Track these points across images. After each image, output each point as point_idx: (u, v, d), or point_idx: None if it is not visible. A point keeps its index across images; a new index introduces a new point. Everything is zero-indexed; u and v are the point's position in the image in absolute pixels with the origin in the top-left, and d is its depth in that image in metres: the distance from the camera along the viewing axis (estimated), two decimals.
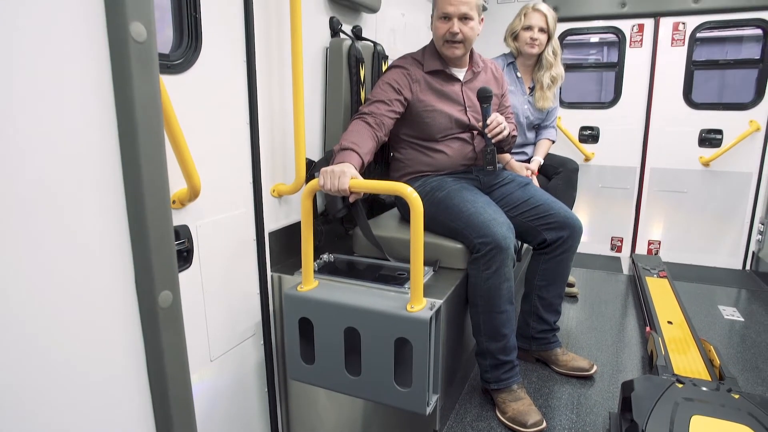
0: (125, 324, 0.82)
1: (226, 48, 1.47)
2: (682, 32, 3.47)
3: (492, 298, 1.77)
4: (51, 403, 0.75)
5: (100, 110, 0.75)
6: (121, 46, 0.73)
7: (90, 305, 0.78)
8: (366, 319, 1.44)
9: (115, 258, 0.80)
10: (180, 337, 0.85)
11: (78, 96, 0.73)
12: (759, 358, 2.31)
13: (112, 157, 0.77)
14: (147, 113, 0.75)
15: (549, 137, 2.79)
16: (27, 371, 0.72)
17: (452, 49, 1.91)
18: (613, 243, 3.91)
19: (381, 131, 1.82)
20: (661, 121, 3.62)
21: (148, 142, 0.76)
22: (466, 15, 1.85)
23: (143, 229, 0.78)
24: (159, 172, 0.79)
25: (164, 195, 0.80)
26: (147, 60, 0.74)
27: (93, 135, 0.75)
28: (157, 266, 0.80)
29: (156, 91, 0.76)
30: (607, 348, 2.41)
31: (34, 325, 0.72)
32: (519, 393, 1.84)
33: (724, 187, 3.55)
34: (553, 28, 2.59)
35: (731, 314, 2.81)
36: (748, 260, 3.57)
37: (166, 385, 0.83)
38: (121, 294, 0.81)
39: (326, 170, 1.53)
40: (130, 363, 0.84)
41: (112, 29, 0.72)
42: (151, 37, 0.74)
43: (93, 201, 0.77)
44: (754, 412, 1.50)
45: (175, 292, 0.84)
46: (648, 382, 1.67)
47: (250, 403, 1.74)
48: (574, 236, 1.99)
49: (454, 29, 1.86)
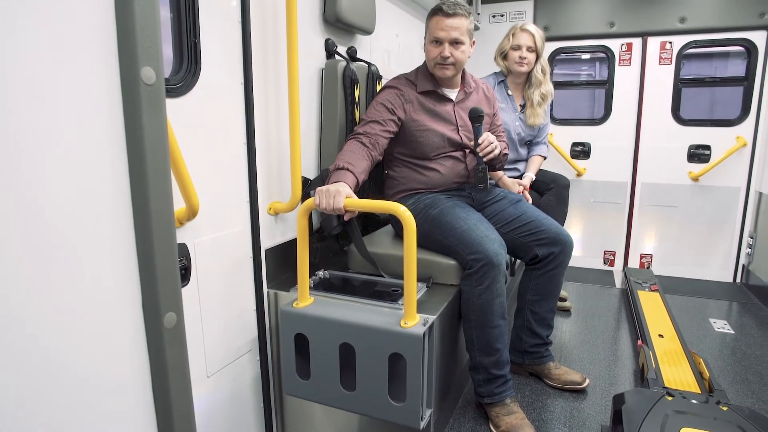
0: (132, 344, 0.87)
1: (224, 71, 1.52)
2: (669, 51, 3.56)
3: (485, 314, 1.80)
4: (61, 417, 0.80)
5: (112, 147, 0.82)
6: (132, 89, 0.79)
7: (99, 326, 0.84)
8: (361, 334, 1.47)
9: (124, 282, 0.85)
10: (183, 356, 0.89)
11: (92, 133, 0.80)
12: (749, 371, 2.34)
13: (122, 189, 0.83)
14: (155, 149, 0.80)
15: (541, 153, 2.84)
16: (39, 386, 0.77)
17: (443, 70, 1.96)
18: (605, 257, 3.96)
19: (375, 150, 1.86)
20: (651, 137, 3.70)
21: (156, 176, 0.81)
22: (456, 40, 1.91)
23: (150, 256, 0.84)
24: (165, 204, 0.84)
25: (170, 225, 0.86)
26: (155, 101, 0.80)
27: (105, 170, 0.82)
28: (162, 289, 0.84)
29: (163, 129, 0.82)
30: (599, 362, 2.43)
31: (47, 344, 0.78)
32: (512, 407, 1.86)
33: (714, 201, 3.62)
34: (541, 47, 2.66)
35: (722, 327, 2.85)
36: (739, 273, 3.62)
37: (170, 403, 0.87)
38: (129, 316, 0.86)
39: (322, 190, 1.57)
40: (136, 381, 0.88)
41: (125, 73, 0.79)
42: (160, 80, 0.81)
43: (104, 230, 0.83)
44: (742, 425, 1.52)
45: (179, 313, 0.88)
46: (639, 395, 1.70)
47: (247, 418, 1.75)
48: (565, 252, 2.03)
49: (445, 53, 1.91)
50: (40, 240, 0.75)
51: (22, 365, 0.74)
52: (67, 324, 0.79)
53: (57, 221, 0.77)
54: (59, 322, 0.78)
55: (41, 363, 0.77)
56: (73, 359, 0.80)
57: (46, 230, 0.76)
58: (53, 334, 0.78)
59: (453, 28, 1.89)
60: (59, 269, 0.78)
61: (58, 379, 0.79)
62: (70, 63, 0.76)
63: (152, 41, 0.77)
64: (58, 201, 0.77)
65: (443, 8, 1.90)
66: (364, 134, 1.87)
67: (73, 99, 0.77)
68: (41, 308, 0.76)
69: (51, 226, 0.76)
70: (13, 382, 0.73)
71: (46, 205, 0.75)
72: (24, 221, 0.73)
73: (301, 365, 1.59)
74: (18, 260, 0.73)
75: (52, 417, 0.78)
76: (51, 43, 0.73)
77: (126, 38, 0.75)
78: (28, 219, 0.73)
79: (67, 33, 0.75)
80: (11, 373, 0.73)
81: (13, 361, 0.73)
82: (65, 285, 0.79)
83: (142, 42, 0.76)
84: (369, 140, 1.86)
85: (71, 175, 0.78)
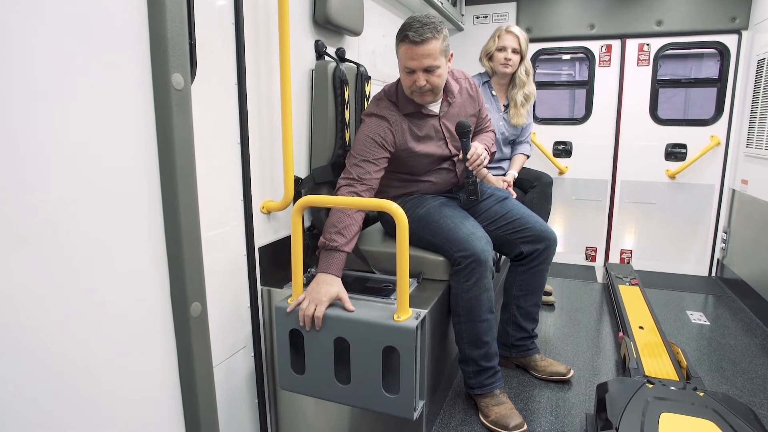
0: (162, 331, 0.93)
1: (218, 72, 1.54)
2: (646, 53, 3.67)
3: (473, 308, 1.86)
4: (92, 401, 0.87)
5: (144, 147, 0.87)
6: (164, 94, 0.84)
7: (131, 315, 0.90)
8: (355, 329, 1.51)
9: (153, 274, 0.92)
10: (207, 343, 0.95)
11: (127, 135, 0.86)
12: (723, 360, 2.45)
13: (153, 187, 0.89)
14: (183, 150, 0.84)
15: (524, 152, 2.91)
16: (78, 372, 0.84)
17: (422, 97, 1.85)
18: (587, 253, 4.06)
19: (370, 194, 1.83)
20: (630, 135, 3.81)
21: (184, 175, 0.85)
22: (429, 67, 1.76)
23: (178, 249, 0.90)
24: (191, 199, 0.90)
25: (195, 219, 0.91)
26: (184, 105, 0.84)
27: (138, 169, 0.88)
28: (189, 280, 0.88)
29: (190, 131, 0.88)
30: (583, 353, 2.52)
31: (85, 334, 0.85)
32: (501, 397, 1.92)
33: (690, 198, 3.74)
34: (526, 49, 2.73)
35: (698, 319, 2.96)
36: (714, 267, 3.76)
37: (194, 386, 0.92)
38: (159, 305, 0.92)
39: (310, 291, 1.57)
40: (165, 366, 0.95)
41: (157, 79, 0.84)
42: (188, 85, 0.86)
43: (137, 225, 0.89)
44: (717, 408, 1.61)
45: (203, 303, 0.93)
46: (621, 384, 1.77)
47: (241, 413, 1.78)
48: (549, 249, 2.10)
49: (420, 82, 1.77)
50: (78, 235, 0.80)
51: (59, 354, 0.80)
52: (104, 312, 0.86)
53: (94, 218, 0.82)
54: (94, 312, 0.84)
55: (75, 354, 0.83)
56: (109, 346, 0.87)
57: (84, 226, 0.81)
58: (91, 323, 0.84)
59: (424, 56, 1.73)
60: (96, 263, 0.83)
61: (92, 370, 0.85)
62: (110, 70, 0.82)
63: (181, 50, 0.81)
64: (95, 198, 0.82)
65: (409, 35, 1.72)
66: (359, 180, 1.79)
67: (111, 103, 0.82)
68: (79, 300, 0.82)
69: (88, 222, 0.81)
70: (53, 367, 0.80)
71: (84, 202, 0.80)
72: (63, 217, 0.78)
73: (296, 360, 1.62)
74: (56, 254, 0.78)
75: (87, 401, 0.85)
76: (92, 53, 0.79)
77: (158, 47, 0.79)
78: (67, 215, 0.78)
79: (106, 43, 0.80)
80: (50, 358, 0.79)
81: (50, 351, 0.79)
82: (101, 277, 0.85)
83: (173, 50, 0.80)
84: (365, 187, 1.79)
85: (107, 175, 0.83)
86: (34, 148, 0.73)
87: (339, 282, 1.60)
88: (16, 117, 0.72)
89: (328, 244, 1.68)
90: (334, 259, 1.65)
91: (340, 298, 1.56)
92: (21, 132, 0.72)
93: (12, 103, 0.71)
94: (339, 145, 2.08)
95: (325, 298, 1.54)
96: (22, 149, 0.73)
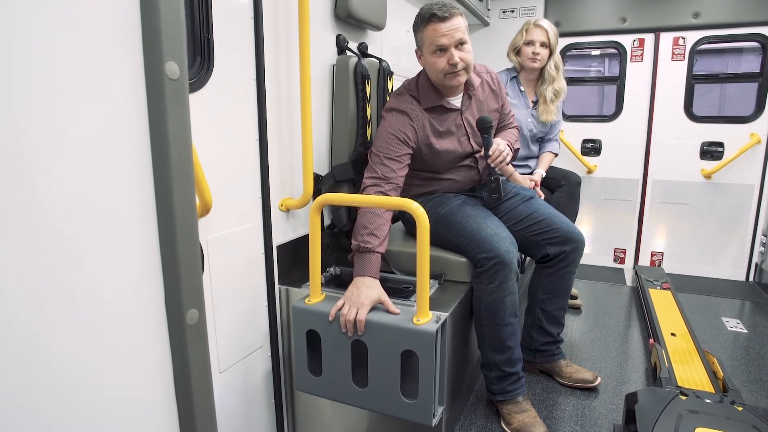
0: (155, 340, 0.87)
1: (236, 67, 1.52)
2: (682, 47, 3.52)
3: (496, 311, 1.80)
4: (84, 412, 0.81)
5: (136, 141, 0.81)
6: (157, 84, 0.78)
7: (123, 323, 0.84)
8: (373, 331, 1.47)
9: (147, 278, 0.86)
10: (204, 353, 0.90)
11: (117, 128, 0.80)
12: (763, 371, 2.32)
13: (146, 184, 0.83)
14: (178, 144, 0.80)
15: (552, 150, 2.82)
16: (63, 382, 0.78)
17: (457, 78, 1.80)
18: (616, 255, 3.93)
19: (397, 193, 1.80)
20: (663, 133, 3.66)
21: (179, 172, 0.81)
22: (461, 41, 1.75)
23: (173, 252, 0.84)
24: (187, 198, 0.84)
25: (192, 220, 0.86)
26: (179, 96, 0.79)
27: (129, 165, 0.82)
28: (185, 285, 0.84)
29: (187, 124, 0.82)
30: (610, 360, 2.42)
31: (71, 340, 0.79)
32: (524, 405, 1.86)
33: (726, 199, 3.58)
34: (555, 43, 2.64)
35: (735, 326, 2.82)
36: (751, 272, 3.59)
37: (191, 398, 0.87)
38: (152, 312, 0.86)
39: (349, 296, 1.53)
40: (159, 376, 0.89)
41: (149, 68, 0.78)
42: (184, 75, 0.80)
43: (128, 225, 0.83)
44: (757, 425, 1.51)
45: (200, 310, 0.88)
46: (652, 394, 1.69)
47: (258, 414, 1.76)
48: (576, 250, 2.01)
49: (454, 59, 1.74)
50: (64, 236, 0.75)
51: (47, 361, 0.75)
52: (92, 319, 0.80)
53: (81, 216, 0.76)
54: (84, 317, 0.79)
55: (65, 361, 0.78)
56: (97, 355, 0.81)
57: (71, 226, 0.75)
58: (78, 329, 0.78)
59: (455, 30, 1.73)
60: (83, 265, 0.78)
61: (81, 375, 0.80)
62: (96, 58, 0.76)
63: (176, 36, 0.76)
64: (83, 196, 0.76)
65: (436, 13, 1.72)
66: (385, 179, 1.76)
67: (98, 94, 0.77)
68: (66, 305, 0.77)
69: (75, 221, 0.76)
70: (40, 376, 0.75)
71: (71, 200, 0.75)
72: (48, 217, 0.73)
73: (313, 361, 1.59)
74: (41, 257, 0.73)
75: (76, 411, 0.80)
76: (77, 38, 0.73)
77: (151, 32, 0.75)
78: (52, 215, 0.73)
79: (93, 27, 0.75)
80: (38, 366, 0.75)
81: (37, 357, 0.74)
82: (90, 280, 0.79)
83: (167, 36, 0.75)
84: (391, 187, 1.77)
85: (95, 171, 0.78)
86: (10, 141, 0.68)
87: (378, 284, 1.57)
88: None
89: (362, 246, 1.64)
90: (370, 261, 1.62)
91: (382, 301, 1.52)
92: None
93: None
94: (360, 142, 2.04)
95: (367, 302, 1.50)
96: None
